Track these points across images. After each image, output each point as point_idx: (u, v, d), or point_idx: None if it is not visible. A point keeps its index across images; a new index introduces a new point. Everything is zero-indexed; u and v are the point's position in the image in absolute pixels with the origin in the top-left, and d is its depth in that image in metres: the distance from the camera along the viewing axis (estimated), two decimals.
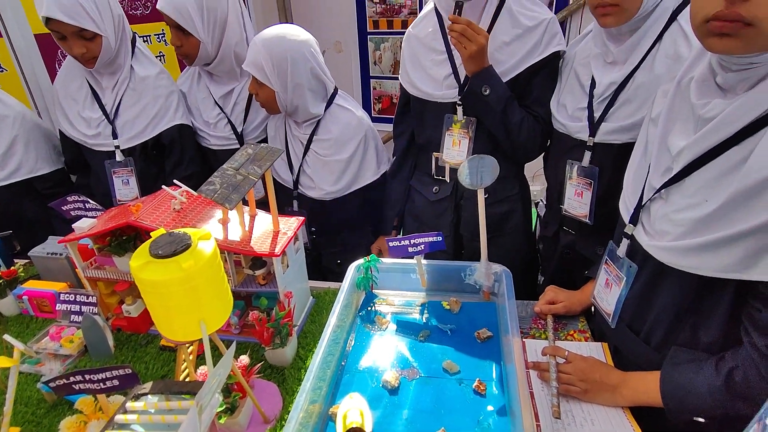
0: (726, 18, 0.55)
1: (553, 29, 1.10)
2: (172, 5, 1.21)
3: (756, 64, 0.57)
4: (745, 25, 0.54)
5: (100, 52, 1.21)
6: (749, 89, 0.59)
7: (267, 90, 1.22)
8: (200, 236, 0.60)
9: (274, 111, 1.29)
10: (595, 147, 1.01)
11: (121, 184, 1.33)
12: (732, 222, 0.59)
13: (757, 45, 0.55)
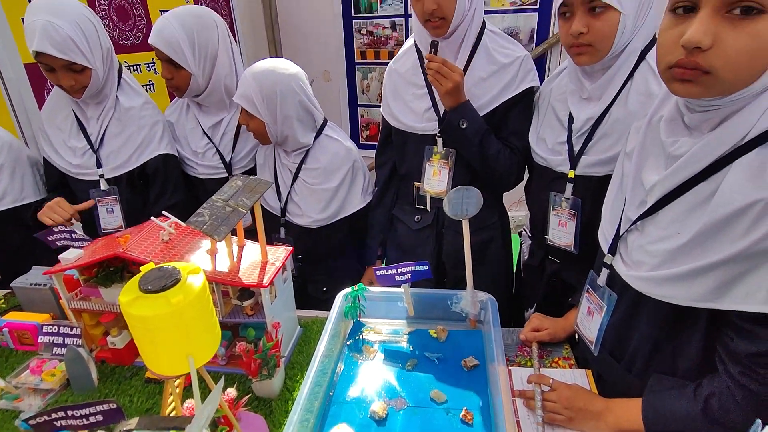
0: (686, 66, 0.58)
1: (527, 66, 1.16)
2: (164, 40, 1.24)
3: (717, 106, 0.61)
4: (704, 73, 0.58)
5: (88, 83, 1.22)
6: (713, 129, 0.63)
7: (257, 121, 1.25)
8: (190, 270, 0.61)
9: (265, 141, 1.32)
10: (577, 179, 1.05)
11: (106, 212, 1.33)
12: (703, 254, 0.62)
13: (716, 90, 0.59)
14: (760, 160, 0.58)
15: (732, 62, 0.55)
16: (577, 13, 0.91)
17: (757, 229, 0.57)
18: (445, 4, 1.05)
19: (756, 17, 0.53)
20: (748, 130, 0.59)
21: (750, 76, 0.56)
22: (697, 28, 0.56)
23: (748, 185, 0.58)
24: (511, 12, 2.21)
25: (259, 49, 2.62)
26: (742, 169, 0.59)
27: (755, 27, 0.54)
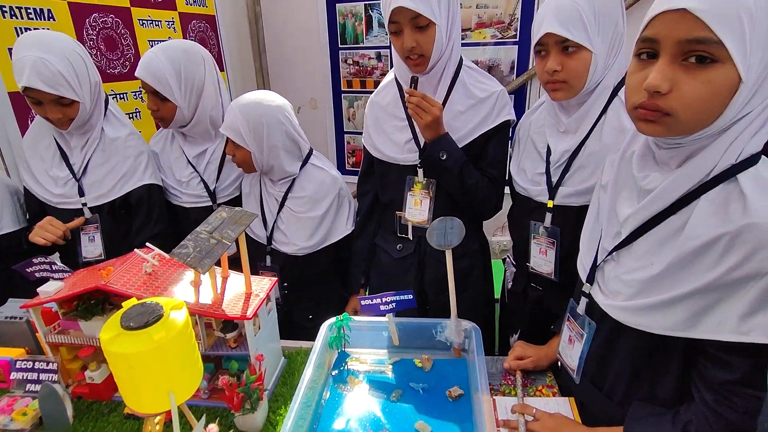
0: (648, 108, 0.62)
1: (503, 100, 1.21)
2: (151, 73, 1.26)
3: (681, 144, 0.65)
4: (665, 114, 0.61)
5: (76, 116, 1.23)
6: (680, 165, 0.67)
7: (243, 151, 1.27)
8: (173, 306, 0.61)
9: (250, 170, 1.34)
10: (555, 209, 1.08)
11: (88, 240, 1.32)
12: (675, 284, 0.64)
13: (677, 130, 0.62)
14: (723, 196, 0.62)
15: (689, 106, 0.59)
16: (552, 52, 0.96)
17: (725, 262, 0.60)
18: (423, 42, 1.09)
19: (709, 66, 0.57)
20: (712, 167, 0.63)
21: (707, 118, 0.60)
22: (656, 75, 0.60)
23: (714, 219, 0.61)
24: (492, 44, 2.29)
25: (247, 78, 2.66)
26: (708, 204, 0.63)
27: (708, 75, 0.57)
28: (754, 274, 0.58)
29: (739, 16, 0.55)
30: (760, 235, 0.57)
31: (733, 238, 0.59)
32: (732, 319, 0.60)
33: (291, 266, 1.38)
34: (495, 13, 2.23)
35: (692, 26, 0.56)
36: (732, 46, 0.55)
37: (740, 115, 0.60)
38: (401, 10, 1.06)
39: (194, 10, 2.27)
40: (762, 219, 0.57)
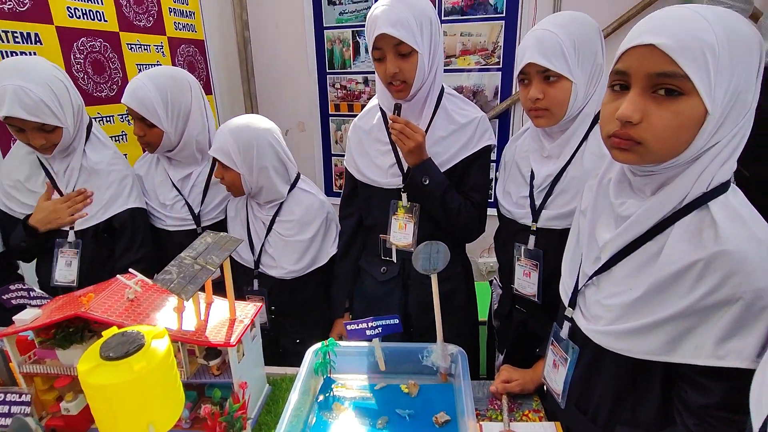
0: (621, 137, 0.65)
1: (484, 126, 1.24)
2: (138, 100, 1.27)
3: (654, 172, 0.68)
4: (637, 143, 0.64)
5: (59, 141, 1.23)
6: (655, 192, 0.69)
7: (233, 174, 1.28)
8: (154, 334, 0.60)
9: (238, 193, 1.34)
10: (539, 231, 1.10)
11: (64, 264, 1.29)
12: (653, 310, 0.66)
13: (648, 158, 0.65)
14: (696, 223, 0.64)
15: (659, 135, 0.62)
16: (534, 80, 0.99)
17: (699, 287, 0.61)
18: (406, 69, 1.12)
19: (677, 98, 0.60)
20: (685, 195, 0.65)
21: (677, 147, 0.63)
22: (628, 105, 0.63)
23: (687, 246, 0.63)
24: (476, 71, 2.36)
25: (235, 101, 2.68)
26: (682, 230, 0.65)
27: (677, 106, 0.60)
28: (727, 299, 0.60)
29: (703, 53, 0.58)
30: (732, 262, 0.59)
31: (707, 265, 0.61)
32: (708, 344, 0.61)
33: (279, 290, 1.37)
34: (479, 41, 2.30)
35: (660, 61, 0.60)
36: (697, 79, 0.58)
37: (709, 145, 0.63)
38: (384, 37, 1.09)
39: (183, 35, 2.30)
40: (733, 246, 0.59)
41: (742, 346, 0.60)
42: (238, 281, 1.41)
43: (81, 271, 1.30)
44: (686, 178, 0.65)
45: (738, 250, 0.59)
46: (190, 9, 2.34)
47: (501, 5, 2.22)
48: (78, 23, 1.72)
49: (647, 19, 0.63)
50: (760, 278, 0.58)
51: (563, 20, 0.98)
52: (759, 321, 0.59)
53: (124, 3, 1.92)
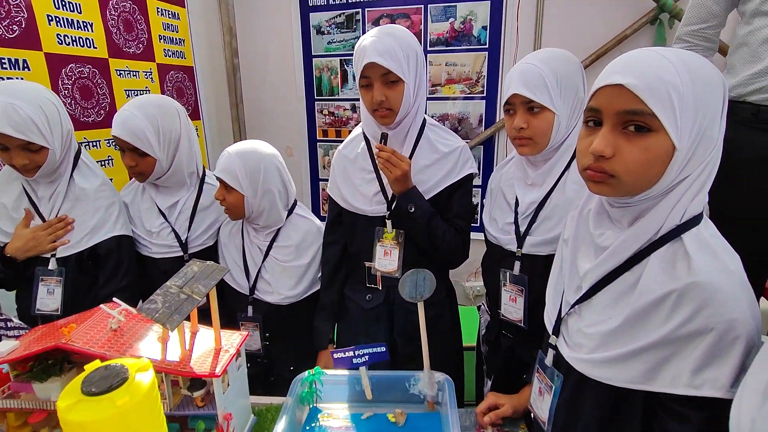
0: (595, 170, 0.68)
1: (466, 155, 1.28)
2: (129, 131, 1.28)
3: (629, 204, 0.71)
4: (610, 176, 0.67)
5: (43, 163, 1.22)
6: (632, 223, 0.72)
7: (235, 195, 1.30)
8: (138, 367, 0.59)
9: (237, 216, 1.35)
10: (524, 257, 1.12)
11: (46, 293, 1.26)
12: (632, 338, 0.67)
13: (622, 191, 0.68)
14: (671, 254, 0.67)
15: (630, 169, 0.65)
16: (519, 111, 1.04)
17: (675, 317, 0.63)
18: (392, 97, 1.16)
19: (646, 134, 0.64)
20: (660, 227, 0.68)
21: (648, 181, 0.66)
22: (600, 141, 0.67)
23: (663, 277, 0.66)
24: (461, 99, 2.42)
25: (223, 126, 2.70)
26: (657, 261, 0.67)
27: (645, 142, 0.64)
28: (701, 329, 0.62)
29: (668, 92, 0.62)
30: (704, 293, 0.61)
31: (681, 296, 0.63)
32: (685, 374, 0.63)
33: (274, 316, 1.37)
34: (463, 71, 2.37)
35: (629, 100, 0.64)
36: (664, 117, 0.62)
37: (679, 179, 0.66)
38: (373, 66, 1.13)
39: (173, 62, 2.33)
40: (705, 278, 0.62)
41: (717, 375, 0.61)
42: (230, 308, 1.41)
43: (64, 299, 1.27)
44: (660, 211, 0.68)
45: (710, 282, 0.61)
46: (180, 36, 2.37)
47: (484, 37, 2.30)
48: (67, 49, 1.73)
49: (617, 61, 0.67)
50: (732, 309, 0.60)
51: (547, 56, 1.03)
52: (732, 351, 0.61)
53: (114, 30, 1.94)
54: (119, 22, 1.97)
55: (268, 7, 2.55)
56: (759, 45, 1.26)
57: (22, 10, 1.55)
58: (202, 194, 1.47)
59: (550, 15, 2.18)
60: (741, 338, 0.60)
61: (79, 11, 1.77)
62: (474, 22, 2.29)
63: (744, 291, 0.63)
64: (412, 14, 2.36)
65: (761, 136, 1.27)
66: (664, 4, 1.97)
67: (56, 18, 1.67)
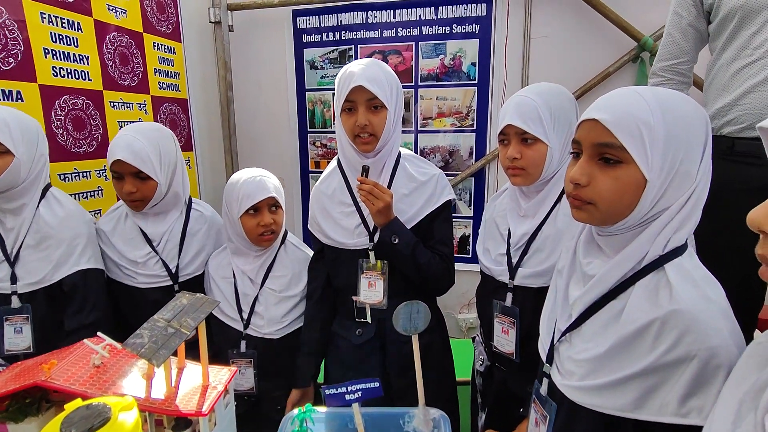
0: (574, 197, 0.74)
1: (443, 182, 1.30)
2: (135, 154, 1.27)
3: (612, 233, 0.74)
4: (587, 203, 0.72)
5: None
6: (617, 253, 0.73)
7: (280, 214, 1.36)
8: (122, 406, 0.57)
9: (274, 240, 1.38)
10: (516, 289, 1.12)
11: (13, 332, 1.21)
12: (619, 366, 0.68)
13: (599, 218, 0.73)
14: (654, 283, 0.69)
15: (603, 197, 0.70)
16: (513, 141, 1.07)
17: (659, 345, 0.64)
18: (375, 122, 1.18)
19: (616, 165, 0.69)
20: (643, 256, 0.70)
21: (622, 209, 0.70)
22: (577, 170, 0.72)
23: (646, 305, 0.67)
24: (451, 132, 2.47)
25: (216, 157, 2.70)
26: (642, 290, 0.69)
27: (616, 172, 0.69)
28: (684, 357, 0.63)
29: (639, 127, 0.66)
30: (685, 320, 0.63)
31: (663, 324, 0.64)
32: (673, 402, 0.63)
33: (266, 350, 1.34)
34: (453, 105, 2.43)
35: (601, 133, 0.69)
36: (633, 150, 0.67)
37: (656, 210, 0.69)
38: (360, 90, 1.15)
39: (167, 94, 2.35)
40: (685, 306, 0.63)
41: (702, 404, 0.62)
42: (222, 343, 1.36)
43: (35, 336, 1.22)
44: (642, 241, 0.70)
45: (690, 310, 0.63)
46: (175, 70, 2.41)
47: (473, 73, 2.38)
48: (62, 81, 1.74)
49: (599, 99, 0.73)
50: (713, 336, 0.62)
51: (543, 89, 1.07)
52: (716, 379, 0.61)
53: (109, 63, 1.97)
54: (115, 55, 2.00)
55: (263, 43, 2.62)
56: (728, 78, 1.31)
57: (19, 43, 1.57)
58: (189, 220, 1.45)
59: (537, 53, 2.26)
60: (723, 366, 0.61)
61: (76, 45, 1.79)
62: (463, 58, 2.37)
63: (725, 319, 0.64)
64: (404, 51, 2.43)
65: (739, 168, 1.30)
66: (645, 43, 2.06)
67: (53, 51, 1.69)
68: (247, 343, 1.34)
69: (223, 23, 2.48)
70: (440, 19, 2.36)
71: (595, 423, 0.73)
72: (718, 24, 1.33)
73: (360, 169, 1.21)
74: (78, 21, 1.80)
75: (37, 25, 1.63)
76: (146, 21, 2.18)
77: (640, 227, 0.71)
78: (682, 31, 1.41)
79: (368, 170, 1.20)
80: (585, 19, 2.17)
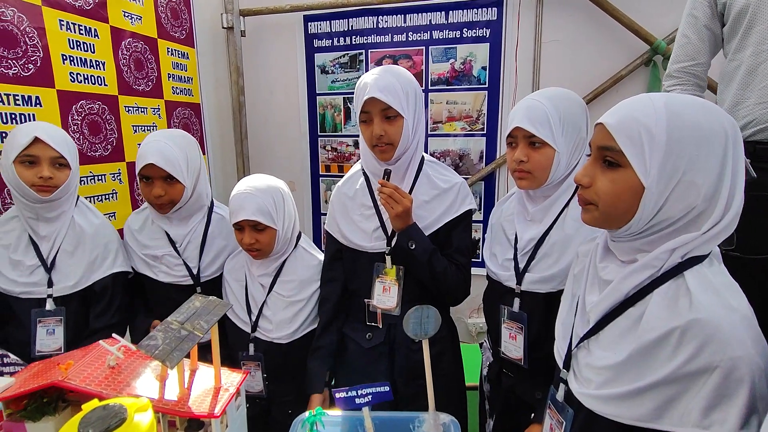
0: (579, 197, 0.76)
1: (465, 191, 1.29)
2: (167, 159, 1.31)
3: (621, 238, 0.74)
4: (590, 204, 0.74)
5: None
6: (630, 259, 0.73)
7: (270, 233, 1.30)
8: (137, 408, 0.58)
9: (266, 254, 1.34)
10: (523, 294, 1.11)
11: (45, 334, 1.25)
12: (638, 375, 0.67)
13: (601, 219, 0.74)
14: (673, 291, 0.67)
15: (602, 198, 0.72)
16: (521, 144, 1.06)
17: (679, 355, 0.63)
18: (391, 132, 1.18)
19: (615, 168, 0.70)
20: (662, 265, 0.69)
21: (620, 213, 0.71)
22: (580, 171, 0.75)
23: (665, 313, 0.66)
24: (462, 136, 2.47)
25: (227, 161, 2.74)
26: (660, 298, 0.68)
27: (614, 175, 0.71)
28: (705, 368, 0.61)
29: (639, 132, 0.67)
30: (706, 329, 0.61)
31: (683, 333, 0.63)
32: (694, 413, 0.62)
33: (274, 355, 1.34)
34: (463, 109, 2.43)
35: (604, 137, 0.71)
36: (630, 154, 0.67)
37: (661, 218, 0.68)
38: (373, 101, 1.15)
39: (180, 99, 2.39)
40: (706, 314, 0.62)
41: (725, 417, 0.60)
42: (232, 345, 1.38)
43: (66, 338, 1.27)
44: (659, 249, 0.69)
45: (710, 319, 0.61)
46: (189, 75, 2.45)
47: (483, 77, 2.37)
48: (79, 87, 1.78)
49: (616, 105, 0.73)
50: (735, 347, 0.60)
51: (553, 94, 1.06)
52: (739, 391, 0.60)
53: (125, 69, 2.00)
54: (130, 61, 2.04)
55: (275, 48, 2.65)
56: (744, 77, 1.28)
57: (38, 50, 1.61)
58: (211, 223, 1.48)
59: (548, 56, 2.26)
60: (746, 378, 0.60)
61: (92, 51, 1.83)
62: (474, 62, 2.37)
63: (748, 328, 0.63)
64: (414, 55, 2.44)
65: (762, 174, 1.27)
66: (658, 46, 2.04)
67: (70, 57, 1.73)
68: (256, 346, 1.35)
69: (235, 29, 2.52)
70: (451, 23, 2.37)
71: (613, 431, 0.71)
72: (731, 24, 1.31)
73: (381, 174, 1.22)
74: (95, 27, 1.84)
75: (56, 32, 1.66)
76: (160, 27, 2.22)
77: (646, 235, 0.71)
78: (697, 33, 1.39)
79: (390, 174, 1.20)
80: (596, 23, 2.16)
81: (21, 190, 1.22)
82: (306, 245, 1.44)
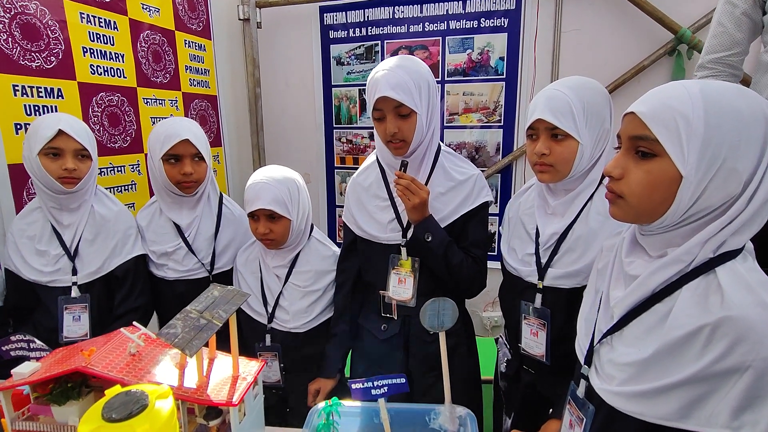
0: (608, 190, 0.73)
1: (481, 183, 1.27)
2: (197, 137, 1.37)
3: (652, 231, 0.71)
4: (619, 197, 0.71)
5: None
6: (660, 253, 0.70)
7: (284, 223, 1.30)
8: (158, 395, 0.59)
9: (280, 244, 1.34)
10: (545, 290, 1.09)
11: (72, 320, 1.29)
12: (664, 373, 0.65)
13: (631, 213, 0.71)
14: (703, 287, 0.65)
15: (633, 191, 0.69)
16: (542, 136, 1.03)
17: (708, 353, 0.61)
18: (405, 129, 1.16)
19: (650, 159, 0.67)
20: (692, 259, 0.66)
21: (654, 205, 0.68)
22: (611, 163, 0.72)
23: (695, 310, 0.64)
24: (478, 128, 2.44)
25: (243, 152, 2.76)
26: (690, 294, 0.65)
27: (648, 166, 0.67)
28: (736, 367, 0.59)
29: (675, 120, 0.64)
30: (738, 328, 0.59)
31: (713, 330, 0.61)
32: (724, 414, 0.60)
33: (292, 344, 1.35)
34: (480, 100, 2.40)
35: (637, 126, 0.68)
36: (666, 142, 0.64)
37: (698, 208, 0.66)
38: (385, 100, 1.14)
39: (197, 91, 2.41)
40: (738, 312, 0.59)
41: (758, 418, 0.58)
42: (247, 338, 1.39)
43: (92, 323, 1.30)
44: (693, 244, 0.66)
45: (743, 317, 0.59)
46: (206, 67, 2.46)
47: (501, 68, 2.34)
48: (99, 79, 1.80)
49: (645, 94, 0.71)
50: None
51: (576, 83, 1.02)
52: None
53: (143, 61, 2.02)
54: (149, 53, 2.05)
55: (291, 40, 2.65)
56: None
57: (60, 43, 1.63)
58: (222, 216, 1.50)
59: (567, 46, 2.21)
60: None
61: (112, 43, 1.85)
62: (491, 53, 2.33)
63: None
64: (430, 46, 2.42)
65: None
66: (683, 35, 1.98)
67: (91, 50, 1.75)
68: (272, 337, 1.36)
69: (251, 20, 2.52)
70: (468, 13, 2.33)
71: (635, 430, 0.70)
72: None
73: (397, 166, 1.20)
74: (114, 20, 1.86)
75: (77, 24, 1.69)
76: (178, 19, 2.23)
77: (680, 226, 0.68)
78: (735, 21, 1.34)
79: (407, 165, 1.19)
80: (619, 11, 2.10)
81: (46, 182, 1.25)
82: (319, 237, 1.44)
